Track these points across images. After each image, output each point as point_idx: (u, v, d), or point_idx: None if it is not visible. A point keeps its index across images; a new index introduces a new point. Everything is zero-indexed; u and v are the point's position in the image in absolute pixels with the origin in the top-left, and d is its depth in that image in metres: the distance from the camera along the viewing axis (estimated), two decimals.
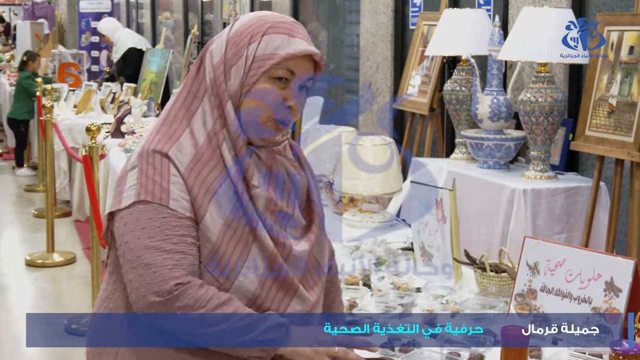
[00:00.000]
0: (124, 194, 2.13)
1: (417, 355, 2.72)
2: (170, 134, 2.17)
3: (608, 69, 4.60)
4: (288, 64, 2.16)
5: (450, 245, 3.47)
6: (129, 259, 2.09)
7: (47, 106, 8.01)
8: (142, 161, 2.13)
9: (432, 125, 6.33)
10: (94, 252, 6.07)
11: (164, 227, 2.08)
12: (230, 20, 11.42)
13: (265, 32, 2.18)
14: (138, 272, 2.07)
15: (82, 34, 16.42)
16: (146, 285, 2.05)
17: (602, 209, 4.72)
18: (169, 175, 2.11)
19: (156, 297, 2.05)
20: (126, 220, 2.10)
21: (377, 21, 7.59)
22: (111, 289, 2.24)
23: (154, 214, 2.09)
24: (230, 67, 2.18)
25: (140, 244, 2.08)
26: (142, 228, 2.08)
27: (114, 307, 2.22)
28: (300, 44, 2.17)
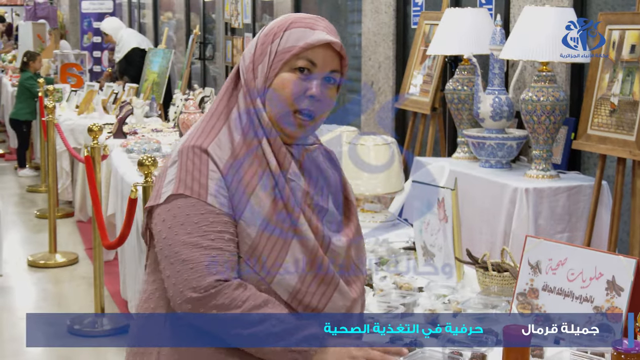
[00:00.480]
0: (163, 189, 2.15)
1: (419, 355, 2.71)
2: (209, 130, 2.19)
3: (610, 67, 4.60)
4: (308, 54, 2.17)
5: (452, 245, 3.47)
6: (167, 254, 2.10)
7: (49, 107, 8.01)
8: (181, 157, 2.14)
9: (434, 125, 6.33)
10: (96, 253, 6.08)
11: (202, 223, 2.09)
12: (232, 21, 11.43)
13: (287, 27, 2.20)
14: (175, 268, 2.08)
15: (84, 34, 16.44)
16: (183, 281, 2.06)
17: (604, 208, 4.72)
18: (207, 171, 2.12)
19: (193, 292, 2.05)
20: (164, 217, 2.12)
21: (379, 21, 7.59)
22: (151, 290, 2.25)
23: (192, 209, 2.10)
24: (257, 65, 2.20)
25: (177, 239, 2.08)
26: (180, 224, 2.09)
27: (155, 306, 2.22)
28: (319, 34, 2.18)
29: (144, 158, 4.57)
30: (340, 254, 2.27)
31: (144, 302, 2.26)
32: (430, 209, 3.59)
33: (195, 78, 13.09)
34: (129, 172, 6.01)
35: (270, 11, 10.45)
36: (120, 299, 6.42)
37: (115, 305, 6.44)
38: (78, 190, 8.96)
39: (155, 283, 2.23)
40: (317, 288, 2.19)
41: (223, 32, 12.01)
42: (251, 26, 10.90)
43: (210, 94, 7.98)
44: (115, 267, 6.67)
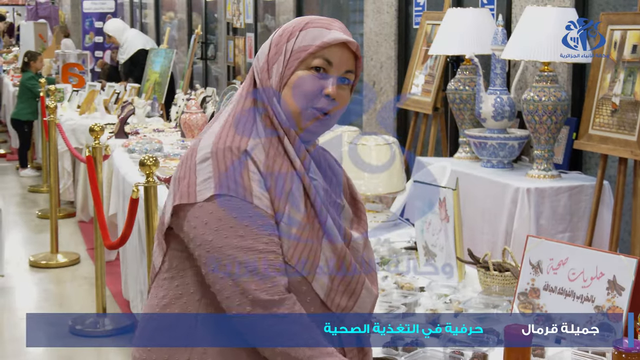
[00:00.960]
0: (197, 187, 2.07)
1: (420, 354, 2.72)
2: (241, 130, 2.15)
3: (611, 68, 4.60)
4: (324, 53, 2.16)
5: (453, 245, 3.47)
6: (217, 257, 2.04)
7: (51, 107, 8.02)
8: (216, 157, 2.08)
9: (436, 125, 6.34)
10: (98, 253, 6.08)
11: (253, 226, 2.05)
12: (233, 21, 11.43)
13: (303, 27, 2.19)
14: (231, 271, 2.03)
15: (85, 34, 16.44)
16: (243, 283, 2.02)
17: (606, 208, 4.73)
18: (249, 173, 2.08)
19: (263, 294, 2.02)
20: (205, 219, 2.06)
21: (381, 21, 7.59)
22: (173, 295, 2.17)
23: (239, 212, 2.05)
24: (272, 65, 2.19)
25: (229, 243, 2.04)
26: (229, 227, 2.04)
27: (182, 310, 2.16)
28: (336, 33, 2.18)
29: (145, 158, 4.57)
30: (359, 250, 2.27)
31: (163, 307, 2.19)
32: (431, 209, 3.59)
33: (197, 78, 13.10)
34: (130, 172, 6.01)
35: (272, 11, 10.46)
36: (122, 299, 6.42)
37: (117, 305, 6.45)
38: (79, 190, 8.96)
39: (180, 288, 2.17)
40: (346, 287, 2.19)
41: (225, 32, 12.02)
42: (253, 26, 10.90)
43: (212, 94, 7.98)
44: (117, 268, 6.67)
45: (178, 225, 2.13)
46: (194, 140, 2.21)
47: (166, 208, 2.18)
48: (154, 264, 2.25)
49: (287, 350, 2.04)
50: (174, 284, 2.18)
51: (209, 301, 2.12)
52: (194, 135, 6.95)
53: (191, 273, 2.15)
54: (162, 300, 2.19)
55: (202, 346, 2.12)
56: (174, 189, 2.14)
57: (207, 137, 2.15)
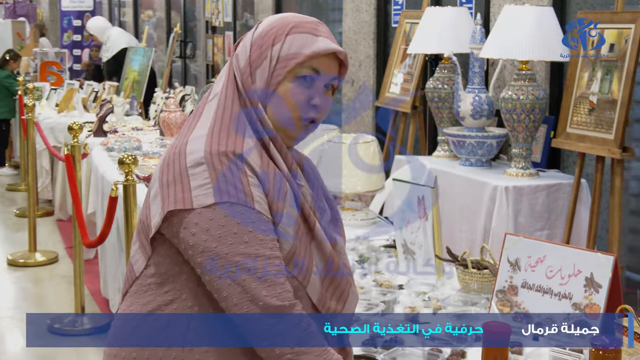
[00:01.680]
0: (192, 192, 2.02)
1: (399, 352, 2.73)
2: (233, 134, 2.10)
3: (589, 66, 4.62)
4: (312, 62, 2.13)
5: (432, 243, 3.48)
6: (223, 264, 2.00)
7: (29, 105, 7.99)
8: (212, 162, 2.03)
9: (415, 123, 6.35)
10: (76, 252, 6.06)
11: (257, 232, 2.02)
12: (212, 19, 11.41)
13: (288, 32, 2.14)
14: (240, 277, 2.00)
15: (64, 32, 16.37)
16: (253, 289, 1.99)
17: (583, 206, 4.75)
18: (247, 178, 2.04)
19: (275, 300, 2.00)
20: (206, 226, 2.01)
21: (360, 19, 7.60)
22: (162, 301, 2.12)
23: (242, 217, 2.01)
24: (256, 69, 2.14)
25: (235, 250, 2.00)
26: (232, 233, 2.00)
27: (172, 316, 2.11)
28: (324, 42, 2.14)
29: (124, 156, 4.56)
30: (343, 253, 2.27)
31: (150, 313, 2.12)
32: (410, 207, 3.60)
33: (176, 76, 13.07)
34: (109, 171, 6.00)
35: (251, 10, 10.45)
36: (101, 297, 6.40)
37: (96, 304, 6.43)
38: (58, 188, 8.93)
39: (170, 294, 2.11)
40: (334, 290, 2.19)
41: (204, 30, 12.00)
42: (232, 25, 10.89)
43: (191, 92, 7.97)
44: (96, 266, 6.65)
45: (171, 231, 2.07)
46: (175, 141, 2.15)
47: (151, 212, 2.11)
48: (132, 268, 2.18)
49: (297, 356, 2.02)
50: (162, 290, 2.12)
51: (201, 307, 2.09)
52: (173, 134, 6.94)
53: (183, 279, 2.10)
54: (146, 306, 2.13)
55: (194, 347, 2.09)
56: (164, 194, 2.07)
57: (195, 140, 2.09)
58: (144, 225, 2.14)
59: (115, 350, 2.16)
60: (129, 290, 2.19)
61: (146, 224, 2.12)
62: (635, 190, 5.19)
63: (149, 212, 2.12)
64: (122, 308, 2.20)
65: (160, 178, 2.09)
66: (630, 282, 5.09)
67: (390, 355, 2.70)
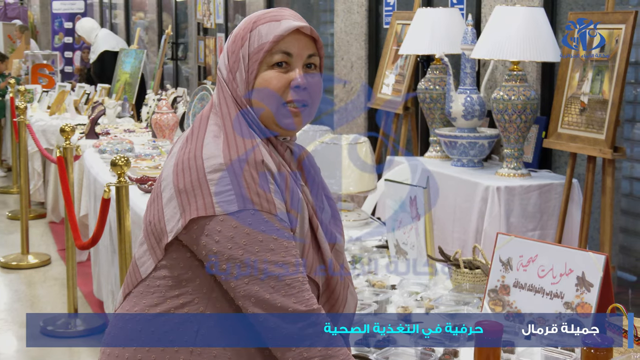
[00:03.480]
0: (215, 198, 2.01)
1: (391, 352, 2.73)
2: (244, 140, 2.08)
3: (580, 67, 4.64)
4: (281, 46, 2.11)
5: (424, 243, 3.49)
6: (250, 272, 2.00)
7: (21, 107, 7.98)
8: (234, 169, 2.02)
9: (407, 124, 6.36)
10: (69, 254, 6.06)
11: (282, 239, 2.02)
12: (204, 21, 11.41)
13: (252, 28, 2.14)
14: (268, 284, 2.00)
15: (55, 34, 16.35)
16: (281, 297, 2.00)
17: (575, 206, 4.76)
18: (268, 185, 2.04)
19: (300, 305, 2.00)
20: (231, 233, 2.00)
21: (351, 20, 7.61)
22: (172, 304, 2.10)
23: (266, 226, 2.01)
24: (235, 73, 2.15)
25: (261, 258, 2.00)
26: (259, 241, 2.00)
27: (182, 320, 2.09)
28: (286, 23, 2.12)
29: (116, 158, 4.56)
30: (342, 252, 2.27)
31: (158, 315, 2.10)
32: (402, 208, 3.61)
33: (168, 78, 13.06)
34: (101, 173, 5.99)
35: (243, 11, 10.45)
36: (94, 299, 6.40)
37: (89, 305, 6.43)
38: (50, 191, 8.92)
39: (182, 297, 2.09)
40: (332, 291, 2.20)
41: (195, 32, 12.00)
42: (224, 26, 10.89)
43: (183, 94, 7.98)
44: (88, 268, 6.65)
45: (190, 238, 2.05)
46: (186, 146, 2.12)
47: (165, 215, 2.08)
48: (138, 270, 2.16)
49: (324, 359, 2.02)
50: (173, 293, 2.10)
51: (212, 311, 2.08)
52: (165, 136, 6.94)
53: (197, 283, 2.09)
54: (153, 308, 2.11)
55: (203, 350, 2.08)
56: (182, 200, 2.05)
57: (210, 145, 2.08)
58: (155, 227, 2.11)
59: (117, 351, 2.14)
60: (133, 291, 2.17)
61: (158, 227, 2.10)
62: (627, 190, 5.21)
63: (162, 215, 2.09)
64: (125, 308, 2.17)
65: (175, 183, 2.07)
66: (622, 281, 5.11)
67: (383, 355, 2.71)
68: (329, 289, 2.20)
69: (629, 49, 4.37)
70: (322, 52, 2.20)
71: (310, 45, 2.16)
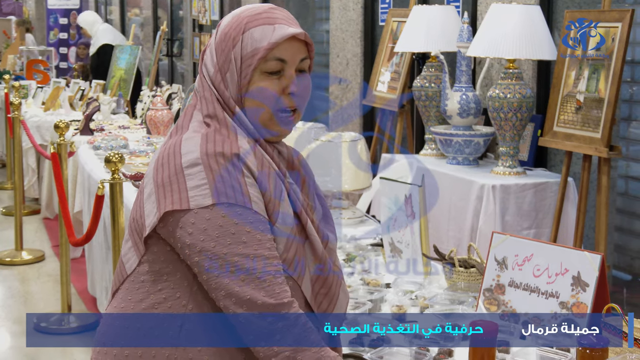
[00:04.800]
0: (190, 192, 2.01)
1: (386, 351, 2.72)
2: (225, 136, 2.09)
3: (575, 65, 4.63)
4: (275, 53, 2.10)
5: (419, 241, 3.48)
6: (222, 264, 2.00)
7: (15, 103, 7.96)
8: (208, 163, 2.02)
9: (402, 122, 6.35)
10: (63, 250, 6.05)
11: (255, 232, 2.02)
12: (199, 17, 11.39)
13: (244, 29, 2.13)
14: (238, 277, 1.99)
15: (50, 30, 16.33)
16: (251, 290, 1.99)
17: (570, 205, 4.76)
18: (244, 178, 2.03)
19: (269, 299, 1.99)
20: (204, 226, 2.00)
21: (347, 17, 7.59)
22: (156, 299, 2.10)
23: (240, 218, 2.01)
24: (225, 73, 2.13)
25: (233, 250, 2.00)
26: (231, 233, 2.00)
27: (165, 315, 2.09)
28: (280, 29, 2.11)
29: (111, 155, 4.55)
30: (334, 251, 2.27)
31: (142, 311, 2.11)
32: (397, 206, 3.60)
33: (163, 75, 13.05)
34: (95, 169, 5.98)
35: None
36: (87, 296, 6.39)
37: (83, 302, 6.41)
38: (44, 187, 8.91)
39: (164, 292, 2.10)
40: (328, 289, 2.19)
41: (191, 28, 11.98)
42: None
43: (178, 90, 7.96)
44: (82, 265, 6.64)
45: (166, 231, 2.06)
46: (168, 141, 2.14)
47: (145, 211, 2.09)
48: (124, 267, 2.17)
49: (294, 353, 2.01)
50: (156, 288, 2.11)
51: (195, 306, 2.08)
52: (160, 132, 6.93)
53: (177, 277, 2.09)
54: (138, 304, 2.12)
55: (188, 346, 2.07)
56: (159, 194, 2.05)
57: (189, 140, 2.09)
58: (137, 223, 2.12)
59: (105, 349, 2.14)
60: (120, 288, 2.17)
61: (140, 223, 2.11)
62: (622, 188, 5.20)
63: (142, 211, 2.11)
64: (113, 305, 2.18)
65: (154, 177, 2.08)
66: (617, 280, 5.11)
67: (377, 354, 2.70)
68: (325, 286, 2.19)
69: (625, 48, 4.36)
70: (312, 54, 2.19)
71: (303, 49, 2.15)
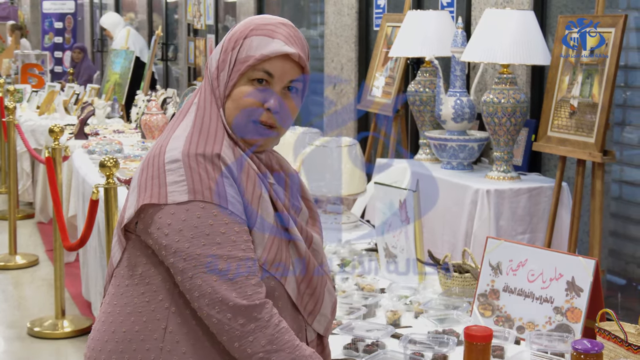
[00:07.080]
0: (169, 187, 2.04)
1: (380, 356, 2.72)
2: (212, 136, 2.11)
3: (569, 70, 4.64)
4: (264, 65, 2.11)
5: (414, 246, 3.48)
6: (195, 265, 2.01)
7: (10, 107, 7.95)
8: (188, 162, 2.04)
9: (396, 127, 6.35)
10: (57, 254, 6.04)
11: (230, 233, 2.03)
12: (194, 22, 11.40)
13: (247, 35, 2.14)
14: (211, 278, 2.00)
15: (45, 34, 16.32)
16: (224, 290, 2.00)
17: (565, 209, 4.76)
18: (222, 178, 2.05)
19: (241, 300, 2.00)
20: (179, 226, 2.02)
21: (341, 22, 7.60)
22: (139, 302, 2.11)
23: (215, 218, 2.02)
24: (220, 72, 2.15)
25: (207, 251, 2.01)
26: (205, 234, 2.01)
27: (149, 319, 2.10)
28: (276, 44, 2.12)
29: (105, 159, 4.55)
30: (319, 252, 2.27)
31: (127, 315, 2.12)
32: (392, 211, 3.60)
33: (158, 79, 13.04)
34: (90, 174, 5.97)
35: (233, 12, 10.44)
36: (82, 301, 6.38)
37: (76, 307, 6.40)
38: (39, 191, 8.90)
39: (146, 295, 2.11)
40: (313, 290, 2.20)
41: (186, 33, 11.98)
42: (214, 27, 10.88)
43: (173, 95, 7.96)
44: (77, 269, 6.63)
45: (143, 225, 2.09)
46: (158, 140, 2.17)
47: (128, 203, 2.13)
48: (111, 259, 2.20)
49: (268, 355, 2.02)
50: (139, 291, 2.12)
51: (178, 309, 2.09)
52: (155, 137, 6.93)
53: (159, 280, 2.10)
54: (124, 308, 2.14)
55: (173, 348, 2.08)
56: (140, 188, 2.09)
57: (175, 140, 2.11)
58: (121, 216, 2.16)
59: (95, 354, 2.16)
60: (109, 283, 2.21)
61: (122, 215, 2.15)
62: (616, 193, 5.21)
63: (126, 204, 2.15)
64: (102, 309, 2.21)
65: (140, 173, 2.12)
66: (611, 285, 5.11)
67: (371, 359, 2.70)
68: (310, 287, 2.19)
69: (619, 53, 4.37)
70: (308, 78, 2.19)
71: (296, 71, 2.16)
